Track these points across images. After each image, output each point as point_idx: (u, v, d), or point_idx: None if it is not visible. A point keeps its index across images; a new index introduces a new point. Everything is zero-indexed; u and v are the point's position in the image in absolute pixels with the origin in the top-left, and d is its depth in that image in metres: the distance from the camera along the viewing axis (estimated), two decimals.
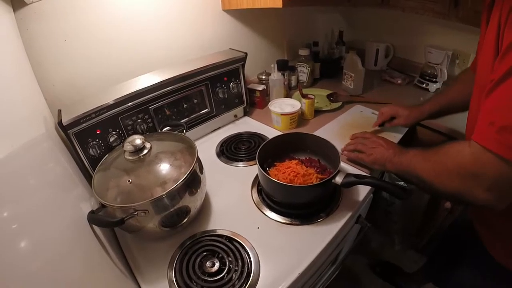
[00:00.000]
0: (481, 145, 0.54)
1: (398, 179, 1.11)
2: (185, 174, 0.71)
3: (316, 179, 0.87)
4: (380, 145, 0.91)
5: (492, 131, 0.52)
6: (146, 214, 0.67)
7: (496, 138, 0.51)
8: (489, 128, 0.52)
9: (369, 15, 1.89)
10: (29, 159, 0.56)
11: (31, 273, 0.39)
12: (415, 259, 1.69)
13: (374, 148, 0.93)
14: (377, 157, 0.90)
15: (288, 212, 0.85)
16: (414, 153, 0.76)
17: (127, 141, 0.73)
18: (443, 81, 1.54)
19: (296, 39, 1.73)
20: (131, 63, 1.09)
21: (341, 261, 1.04)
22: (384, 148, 0.89)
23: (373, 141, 0.96)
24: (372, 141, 0.97)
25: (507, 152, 0.50)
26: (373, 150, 0.93)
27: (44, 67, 0.90)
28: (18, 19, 0.81)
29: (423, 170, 0.69)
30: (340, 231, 0.81)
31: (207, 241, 0.77)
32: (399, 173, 0.82)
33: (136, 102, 0.96)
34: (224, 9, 1.30)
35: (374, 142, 0.95)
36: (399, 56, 1.84)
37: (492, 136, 0.52)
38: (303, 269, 0.70)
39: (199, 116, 1.19)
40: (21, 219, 0.43)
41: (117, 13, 1.00)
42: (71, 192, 0.71)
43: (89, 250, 0.62)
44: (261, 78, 1.47)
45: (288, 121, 1.23)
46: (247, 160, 1.08)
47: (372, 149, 0.93)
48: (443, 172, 0.63)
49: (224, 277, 0.68)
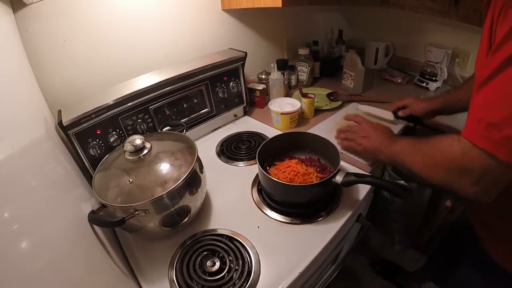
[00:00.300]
0: (469, 140, 0.55)
1: (398, 177, 1.11)
2: (185, 174, 0.71)
3: (316, 178, 0.87)
4: (370, 134, 0.93)
5: (481, 128, 0.53)
6: (146, 214, 0.67)
7: (484, 134, 0.52)
8: (478, 125, 0.53)
9: (369, 14, 1.89)
10: (29, 160, 0.56)
11: (32, 273, 0.39)
12: (415, 258, 1.69)
13: (364, 137, 0.94)
14: (367, 146, 0.92)
15: (288, 211, 0.85)
16: (404, 142, 0.77)
17: (127, 141, 0.73)
18: (443, 79, 1.54)
19: (295, 39, 1.74)
20: (131, 63, 1.09)
21: (341, 260, 1.04)
22: (374, 137, 0.91)
23: (363, 129, 0.98)
24: (362, 129, 0.98)
25: (494, 148, 0.51)
26: (363, 139, 0.94)
27: (44, 68, 0.90)
28: (17, 20, 0.82)
29: (412, 161, 0.71)
30: (340, 230, 0.81)
31: (207, 240, 0.77)
32: (390, 162, 0.83)
33: (136, 102, 0.96)
34: (223, 8, 1.30)
35: (364, 130, 0.96)
36: (399, 55, 1.84)
37: (480, 132, 0.53)
38: (303, 268, 0.71)
39: (199, 115, 1.19)
40: (22, 220, 0.43)
41: (116, 13, 1.00)
42: (72, 192, 0.71)
43: (90, 250, 0.62)
44: (261, 78, 1.47)
45: (288, 121, 1.23)
46: (247, 160, 1.08)
47: (363, 138, 0.95)
48: (431, 165, 0.65)
49: (224, 277, 0.68)
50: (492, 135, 0.51)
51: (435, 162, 0.64)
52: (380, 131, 0.92)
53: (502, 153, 0.50)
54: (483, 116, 0.52)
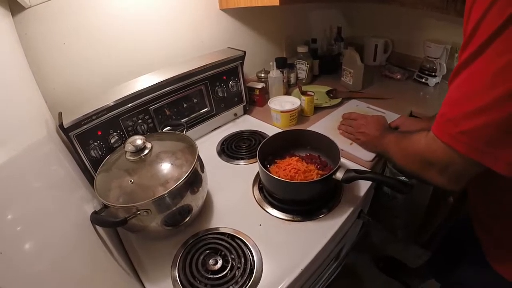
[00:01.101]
0: (433, 134, 0.58)
1: (399, 173, 1.11)
2: (186, 173, 0.71)
3: (317, 175, 0.88)
4: (365, 129, 1.02)
5: (442, 122, 0.55)
6: (148, 214, 0.67)
7: (444, 128, 0.54)
8: (441, 119, 0.55)
9: (367, 11, 1.89)
10: (31, 162, 0.56)
11: (36, 274, 0.40)
12: (418, 254, 1.69)
13: (360, 132, 1.04)
14: (364, 141, 1.03)
15: (289, 208, 0.85)
16: (391, 136, 0.84)
17: (128, 142, 0.73)
18: (442, 75, 1.54)
19: (294, 37, 1.73)
20: (130, 64, 1.09)
21: (343, 257, 1.05)
22: (368, 131, 1.00)
23: (358, 124, 1.07)
24: (358, 124, 1.07)
25: (453, 142, 0.53)
26: (360, 134, 1.04)
27: (44, 71, 0.90)
28: (16, 23, 0.82)
29: (393, 153, 0.79)
30: (341, 227, 0.82)
31: (209, 239, 0.77)
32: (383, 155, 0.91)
33: (136, 103, 0.96)
34: (221, 8, 1.30)
35: (360, 126, 1.05)
36: (398, 51, 1.84)
37: (441, 126, 0.55)
38: (305, 265, 0.71)
39: (199, 115, 1.19)
40: (25, 221, 0.43)
41: (115, 14, 1.00)
42: (74, 193, 0.72)
43: (92, 251, 0.62)
44: (260, 76, 1.47)
45: (288, 118, 1.23)
46: (248, 158, 1.08)
47: (359, 133, 1.05)
48: (406, 156, 0.72)
49: (227, 275, 0.69)
50: (450, 129, 0.53)
51: (408, 154, 0.71)
52: (373, 125, 1.01)
53: (461, 147, 0.52)
54: (445, 111, 0.54)
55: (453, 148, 0.53)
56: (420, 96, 1.51)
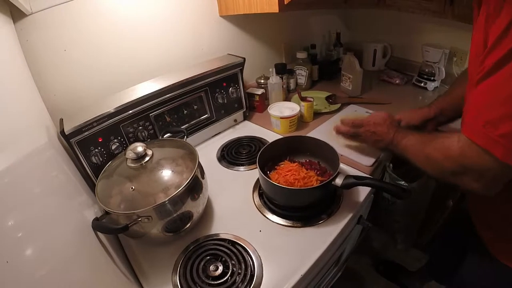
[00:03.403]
0: (468, 137, 0.56)
1: (399, 179, 1.11)
2: (187, 180, 0.72)
3: (317, 182, 0.88)
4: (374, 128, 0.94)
5: (479, 125, 0.53)
6: (149, 220, 0.68)
7: (482, 132, 0.53)
8: (476, 122, 0.54)
9: (366, 16, 1.91)
10: (32, 168, 0.57)
11: (37, 280, 0.40)
12: (418, 258, 1.69)
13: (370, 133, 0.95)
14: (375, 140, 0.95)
15: (289, 214, 0.85)
16: (412, 137, 0.81)
17: (129, 149, 0.74)
18: (441, 79, 1.55)
19: (293, 43, 1.75)
20: (131, 71, 1.10)
21: (344, 262, 1.04)
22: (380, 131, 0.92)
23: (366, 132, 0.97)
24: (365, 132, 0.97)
25: (491, 145, 0.51)
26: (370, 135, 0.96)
27: (45, 77, 0.91)
28: (18, 30, 0.83)
29: (415, 156, 0.76)
30: (341, 232, 0.82)
31: (210, 245, 0.78)
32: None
33: (137, 110, 0.97)
34: (221, 15, 1.32)
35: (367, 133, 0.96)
36: (396, 56, 1.85)
37: (478, 129, 0.54)
38: (305, 271, 0.71)
39: (199, 121, 1.20)
40: (26, 228, 0.44)
41: (116, 22, 1.01)
42: (75, 199, 0.72)
43: (94, 257, 0.63)
44: (259, 82, 1.48)
45: (288, 124, 1.23)
46: (248, 164, 1.09)
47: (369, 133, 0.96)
48: (434, 163, 0.68)
49: (227, 280, 0.69)
50: (489, 132, 0.51)
51: (436, 160, 0.67)
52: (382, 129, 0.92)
53: (499, 151, 0.51)
54: (480, 113, 0.53)
55: (490, 152, 0.52)
56: (419, 100, 1.52)
